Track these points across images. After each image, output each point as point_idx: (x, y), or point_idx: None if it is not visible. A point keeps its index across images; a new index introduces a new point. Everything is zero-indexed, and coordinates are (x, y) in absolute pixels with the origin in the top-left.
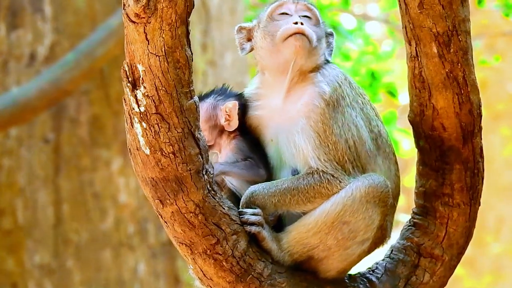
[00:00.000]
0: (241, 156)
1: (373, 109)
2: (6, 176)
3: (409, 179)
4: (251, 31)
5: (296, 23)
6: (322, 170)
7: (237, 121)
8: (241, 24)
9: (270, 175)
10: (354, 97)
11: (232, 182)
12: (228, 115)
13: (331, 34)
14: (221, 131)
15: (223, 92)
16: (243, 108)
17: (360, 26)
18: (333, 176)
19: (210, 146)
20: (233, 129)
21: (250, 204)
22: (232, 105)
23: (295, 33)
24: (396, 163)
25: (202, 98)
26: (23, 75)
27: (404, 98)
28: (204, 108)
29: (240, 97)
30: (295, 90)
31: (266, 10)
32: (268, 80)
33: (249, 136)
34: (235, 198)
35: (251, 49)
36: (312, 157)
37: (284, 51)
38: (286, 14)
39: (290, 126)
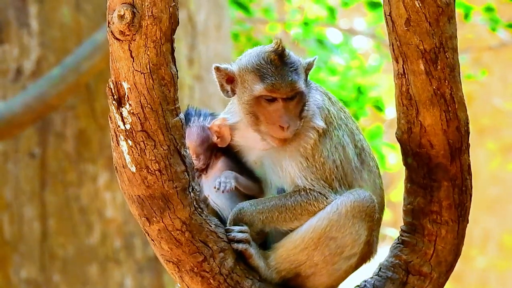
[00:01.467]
0: None
1: (353, 122)
2: None
3: (395, 194)
4: (230, 76)
5: (282, 128)
6: (309, 188)
7: (229, 136)
8: (217, 64)
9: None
10: (338, 113)
11: (215, 201)
12: (218, 131)
13: (313, 61)
14: (212, 152)
15: (196, 113)
16: None
17: (347, 40)
18: (319, 193)
19: (202, 170)
20: (226, 145)
21: (237, 221)
22: (220, 121)
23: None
24: (380, 176)
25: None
26: (9, 90)
27: (390, 112)
28: (194, 133)
29: (214, 115)
30: None
31: (248, 69)
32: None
33: (233, 156)
34: (219, 218)
35: (234, 94)
36: (299, 177)
37: (268, 140)
38: (272, 97)
39: (277, 152)
